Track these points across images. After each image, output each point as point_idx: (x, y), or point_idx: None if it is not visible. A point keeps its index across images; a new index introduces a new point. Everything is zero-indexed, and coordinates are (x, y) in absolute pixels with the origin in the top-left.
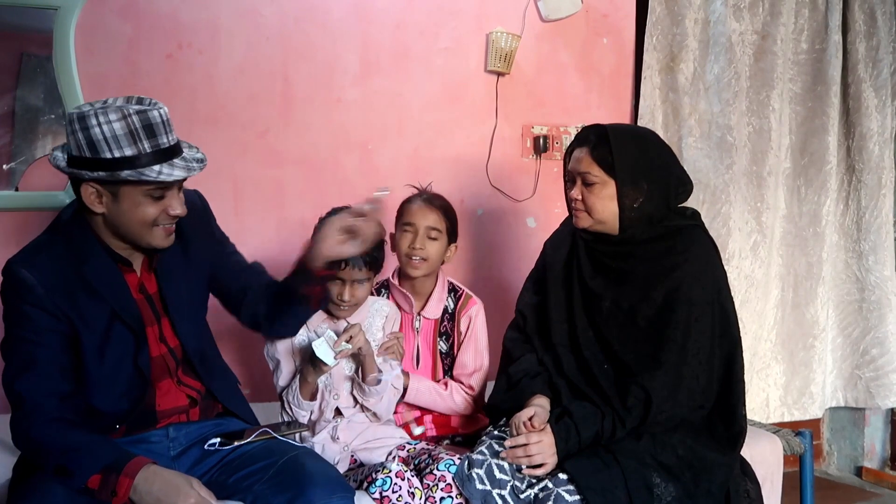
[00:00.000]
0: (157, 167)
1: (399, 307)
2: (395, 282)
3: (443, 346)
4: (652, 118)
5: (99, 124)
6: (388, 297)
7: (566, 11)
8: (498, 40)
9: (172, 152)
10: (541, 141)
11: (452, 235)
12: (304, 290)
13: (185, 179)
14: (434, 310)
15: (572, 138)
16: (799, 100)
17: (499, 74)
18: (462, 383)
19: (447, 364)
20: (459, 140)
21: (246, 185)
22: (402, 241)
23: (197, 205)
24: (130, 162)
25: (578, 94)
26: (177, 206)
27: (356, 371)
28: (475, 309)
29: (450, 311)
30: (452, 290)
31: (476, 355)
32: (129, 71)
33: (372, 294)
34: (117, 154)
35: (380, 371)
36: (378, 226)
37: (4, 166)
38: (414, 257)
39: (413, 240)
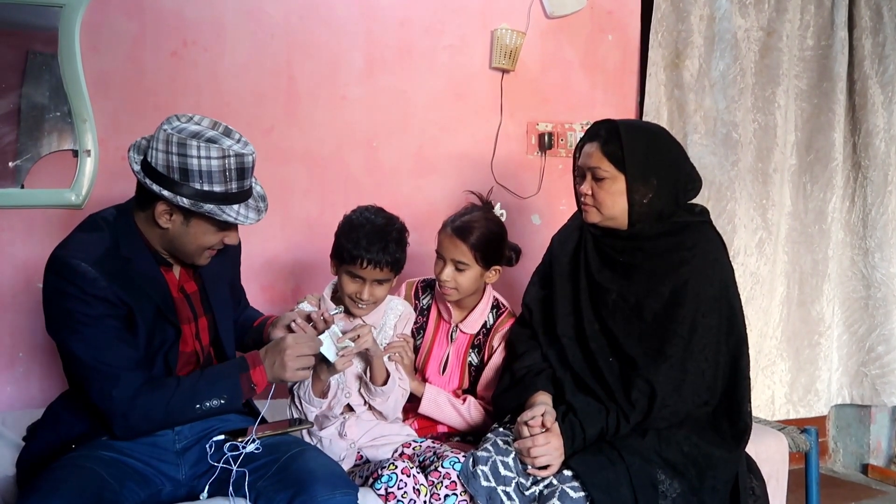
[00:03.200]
0: (236, 207)
1: (439, 314)
2: (440, 290)
3: (474, 358)
4: (657, 115)
5: (199, 157)
6: (432, 301)
7: (571, 8)
8: (503, 37)
9: (249, 192)
10: (546, 138)
11: (489, 262)
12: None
13: None
14: (473, 325)
15: (577, 135)
16: (805, 96)
17: (503, 71)
18: (483, 399)
19: (474, 375)
20: (464, 137)
21: None
22: (434, 266)
23: None
24: (215, 197)
25: (583, 91)
26: (234, 238)
27: (364, 370)
28: (510, 328)
29: (488, 326)
30: (496, 306)
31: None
32: (134, 68)
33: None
34: (206, 188)
35: (388, 372)
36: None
37: (10, 164)
38: (442, 286)
39: (442, 269)
